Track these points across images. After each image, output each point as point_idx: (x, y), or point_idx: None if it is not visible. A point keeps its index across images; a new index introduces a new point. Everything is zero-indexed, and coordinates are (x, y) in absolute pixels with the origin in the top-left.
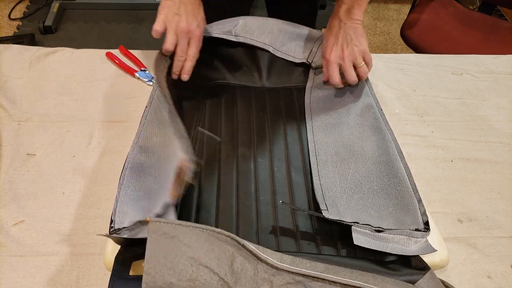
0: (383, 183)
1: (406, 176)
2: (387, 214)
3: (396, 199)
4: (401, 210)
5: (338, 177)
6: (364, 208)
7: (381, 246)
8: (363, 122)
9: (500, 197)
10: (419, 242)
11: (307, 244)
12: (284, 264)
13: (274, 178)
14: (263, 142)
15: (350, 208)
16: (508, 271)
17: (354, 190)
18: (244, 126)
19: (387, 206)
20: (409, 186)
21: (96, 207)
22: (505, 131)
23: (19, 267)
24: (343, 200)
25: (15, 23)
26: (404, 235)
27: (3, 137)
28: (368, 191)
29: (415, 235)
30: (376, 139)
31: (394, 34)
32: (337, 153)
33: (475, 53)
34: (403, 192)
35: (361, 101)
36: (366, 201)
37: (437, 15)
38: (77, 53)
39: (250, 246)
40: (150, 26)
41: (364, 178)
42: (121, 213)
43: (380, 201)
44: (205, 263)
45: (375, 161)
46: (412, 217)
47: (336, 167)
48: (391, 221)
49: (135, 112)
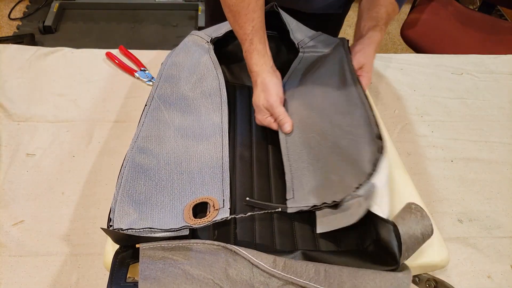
0: (337, 136)
1: (359, 123)
2: (344, 174)
3: (348, 152)
4: (353, 164)
5: (305, 148)
6: (327, 174)
7: (339, 222)
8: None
9: (500, 197)
10: (369, 196)
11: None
12: (275, 270)
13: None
14: (263, 142)
15: (316, 182)
16: (508, 271)
17: (317, 157)
18: (243, 126)
19: (342, 164)
20: (360, 132)
21: (95, 207)
22: (505, 131)
23: (19, 267)
24: (310, 174)
25: (15, 23)
26: (354, 198)
27: (3, 137)
28: (327, 153)
29: (360, 193)
30: (337, 93)
31: (394, 34)
32: (300, 122)
33: (475, 53)
34: (353, 142)
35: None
36: (327, 165)
37: (437, 15)
38: (77, 53)
39: (241, 252)
40: (150, 26)
41: (321, 136)
42: (120, 213)
43: (336, 159)
44: (198, 274)
45: (331, 113)
46: (359, 170)
47: (301, 137)
48: (349, 181)
49: (135, 112)
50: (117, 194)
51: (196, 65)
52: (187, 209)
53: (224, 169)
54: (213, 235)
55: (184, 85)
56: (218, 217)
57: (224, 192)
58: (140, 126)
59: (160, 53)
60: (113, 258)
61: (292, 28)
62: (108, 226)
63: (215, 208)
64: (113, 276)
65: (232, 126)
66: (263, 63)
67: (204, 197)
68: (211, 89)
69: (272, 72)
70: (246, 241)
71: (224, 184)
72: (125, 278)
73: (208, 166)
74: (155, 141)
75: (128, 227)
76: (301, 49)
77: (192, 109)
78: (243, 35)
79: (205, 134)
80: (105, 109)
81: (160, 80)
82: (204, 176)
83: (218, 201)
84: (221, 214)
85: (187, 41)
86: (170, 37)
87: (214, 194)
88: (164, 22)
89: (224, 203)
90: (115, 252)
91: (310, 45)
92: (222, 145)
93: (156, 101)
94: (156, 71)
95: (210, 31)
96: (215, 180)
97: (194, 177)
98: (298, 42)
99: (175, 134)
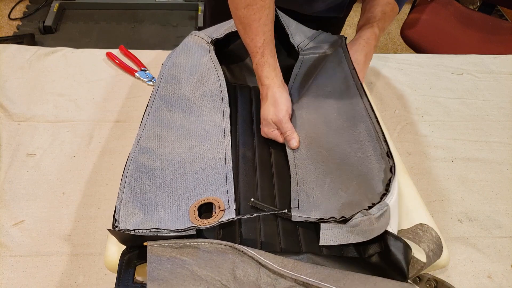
0: (345, 152)
1: (366, 138)
2: (354, 191)
3: (357, 169)
4: (363, 182)
5: (312, 163)
6: (335, 190)
7: (345, 238)
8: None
9: (500, 197)
10: (382, 216)
11: (288, 242)
12: (285, 270)
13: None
14: (265, 142)
15: (323, 196)
16: (508, 271)
17: (325, 172)
18: (244, 126)
19: (351, 181)
20: (369, 149)
21: (96, 207)
22: (505, 131)
23: (19, 267)
24: (317, 188)
25: (15, 23)
26: (365, 216)
27: (3, 137)
28: (335, 169)
29: (372, 212)
30: (342, 104)
31: (394, 34)
32: (307, 136)
33: (475, 53)
34: (362, 159)
35: (335, 73)
36: (336, 181)
37: (437, 15)
38: (77, 53)
39: (249, 252)
40: (150, 26)
41: (329, 152)
42: (126, 213)
43: (344, 176)
44: (206, 274)
45: (338, 128)
46: (369, 188)
47: (308, 151)
48: (358, 198)
49: (135, 112)
50: (122, 195)
51: (197, 66)
52: (192, 209)
53: (228, 170)
54: (219, 235)
55: (185, 86)
56: (224, 217)
57: (228, 192)
58: (143, 126)
59: (160, 53)
60: (120, 259)
61: (291, 32)
62: (113, 227)
63: (221, 209)
64: (121, 277)
65: (234, 127)
66: (274, 77)
67: (209, 198)
68: (212, 91)
69: (282, 86)
70: (251, 239)
71: (228, 184)
72: (132, 279)
73: (211, 167)
74: (158, 141)
75: (134, 228)
76: (301, 52)
77: (193, 110)
78: (254, 47)
79: (207, 134)
80: (105, 109)
81: (161, 81)
82: (208, 177)
83: (223, 202)
84: (227, 214)
85: (187, 42)
86: (170, 37)
87: (219, 194)
88: (164, 22)
89: (230, 204)
90: (121, 253)
91: (310, 46)
92: (225, 145)
93: (158, 101)
94: (156, 71)
95: (210, 31)
96: (219, 181)
97: (198, 177)
98: (298, 45)
99: (178, 135)
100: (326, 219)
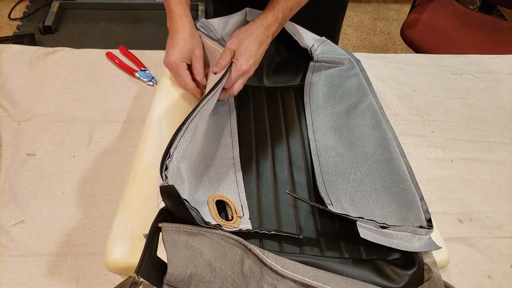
0: (385, 182)
1: (407, 174)
2: (390, 212)
3: (399, 197)
4: (404, 207)
5: (341, 177)
6: (367, 205)
7: (386, 241)
8: (363, 122)
9: (500, 197)
10: (422, 239)
11: (310, 248)
12: (287, 271)
13: (277, 179)
14: (264, 143)
15: (353, 205)
16: (508, 271)
17: (356, 189)
18: (244, 126)
19: (389, 204)
20: (411, 184)
21: (96, 207)
22: (505, 131)
23: (19, 267)
24: (346, 197)
25: (15, 23)
26: (408, 232)
27: (3, 137)
28: (370, 190)
29: (419, 232)
30: (377, 138)
31: (394, 34)
32: (338, 154)
33: (475, 53)
34: (405, 190)
35: (361, 101)
36: (369, 199)
37: (437, 15)
38: (77, 53)
39: (256, 250)
40: (150, 26)
41: (366, 177)
42: (173, 176)
43: (383, 199)
44: (220, 267)
45: (376, 160)
46: (415, 214)
47: (337, 167)
48: (395, 218)
49: (135, 112)
50: (178, 154)
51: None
52: (211, 202)
53: (237, 169)
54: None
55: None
56: (242, 226)
57: (240, 195)
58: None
59: (160, 53)
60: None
61: (298, 39)
62: (162, 177)
63: (238, 215)
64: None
65: (245, 128)
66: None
67: (223, 196)
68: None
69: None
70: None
71: (239, 186)
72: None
73: (221, 165)
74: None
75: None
76: (314, 57)
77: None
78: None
79: (216, 135)
80: (105, 109)
81: None
82: (219, 174)
83: (237, 207)
84: (243, 223)
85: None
86: None
87: (230, 194)
88: (164, 22)
89: (243, 210)
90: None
91: (319, 52)
92: (232, 145)
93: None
94: (157, 71)
95: (216, 25)
96: (230, 180)
97: (210, 171)
98: (310, 48)
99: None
100: (365, 219)
